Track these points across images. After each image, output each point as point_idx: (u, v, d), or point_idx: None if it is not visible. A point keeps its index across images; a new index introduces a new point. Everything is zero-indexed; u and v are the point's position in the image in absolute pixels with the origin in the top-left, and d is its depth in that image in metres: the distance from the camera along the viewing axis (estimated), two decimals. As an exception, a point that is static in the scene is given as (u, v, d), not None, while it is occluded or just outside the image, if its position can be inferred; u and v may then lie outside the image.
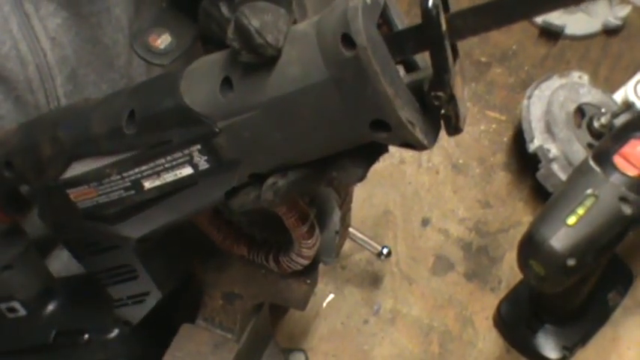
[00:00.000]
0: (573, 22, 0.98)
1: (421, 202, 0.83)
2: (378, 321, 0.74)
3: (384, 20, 0.38)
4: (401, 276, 0.77)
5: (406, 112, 0.35)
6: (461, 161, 0.86)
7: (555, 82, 0.83)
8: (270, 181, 0.40)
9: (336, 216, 0.52)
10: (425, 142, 0.36)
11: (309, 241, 0.51)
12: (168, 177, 0.42)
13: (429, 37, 0.35)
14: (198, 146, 0.40)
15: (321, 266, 0.58)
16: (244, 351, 0.60)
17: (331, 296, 0.75)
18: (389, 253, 0.73)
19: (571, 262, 0.55)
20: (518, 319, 0.72)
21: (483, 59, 0.96)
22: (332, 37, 0.35)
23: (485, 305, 0.75)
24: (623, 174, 0.57)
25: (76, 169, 0.45)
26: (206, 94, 0.39)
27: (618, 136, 0.60)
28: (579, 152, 0.76)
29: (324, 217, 0.52)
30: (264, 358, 0.66)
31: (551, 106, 0.80)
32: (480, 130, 0.89)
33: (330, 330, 0.73)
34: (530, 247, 0.56)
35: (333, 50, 0.35)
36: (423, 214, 0.82)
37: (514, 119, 0.89)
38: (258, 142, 0.39)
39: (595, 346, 0.72)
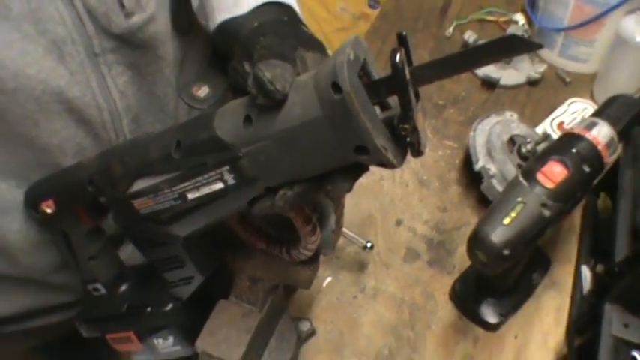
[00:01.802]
0: (506, 76, 0.98)
1: (395, 208, 0.82)
2: (364, 296, 0.74)
3: (364, 72, 0.38)
4: (381, 263, 0.77)
5: (381, 140, 0.36)
6: (425, 178, 0.86)
7: (493, 119, 0.83)
8: (281, 192, 0.40)
9: (333, 219, 0.52)
10: (395, 162, 0.37)
11: (313, 238, 0.51)
12: (205, 190, 0.42)
13: (396, 84, 0.36)
14: (227, 167, 0.41)
15: (321, 257, 0.58)
16: (265, 319, 0.59)
17: (329, 279, 0.75)
18: (372, 246, 0.73)
19: (506, 251, 0.55)
20: (467, 294, 0.72)
21: (441, 102, 0.96)
22: (325, 84, 0.35)
23: (443, 284, 0.74)
24: (544, 187, 0.57)
25: (139, 185, 0.46)
26: (232, 128, 0.40)
27: (540, 159, 0.60)
28: (511, 171, 0.75)
29: (323, 219, 0.52)
30: (279, 324, 0.66)
31: (491, 136, 0.80)
32: (439, 154, 0.89)
33: (328, 303, 0.73)
34: (476, 241, 0.56)
35: (326, 94, 0.35)
36: (397, 217, 0.81)
37: (464, 146, 0.88)
38: (271, 163, 0.40)
39: (523, 313, 0.72)
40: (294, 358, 0.66)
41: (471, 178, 0.82)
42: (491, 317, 0.70)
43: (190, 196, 0.43)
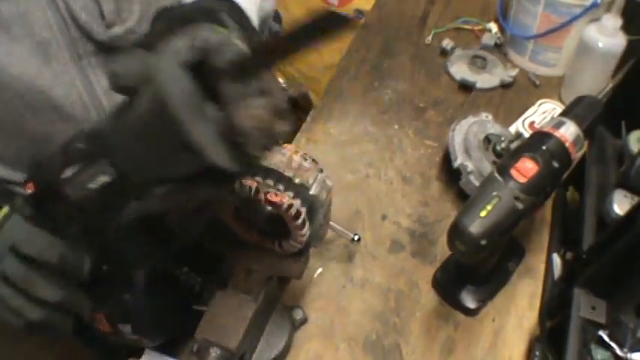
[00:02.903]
0: (481, 80, 0.99)
1: (380, 203, 0.82)
2: (352, 286, 0.73)
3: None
4: (368, 254, 0.76)
5: (201, 137, 0.31)
6: (408, 175, 0.86)
7: (470, 119, 0.83)
8: (151, 191, 0.38)
9: (321, 214, 0.52)
10: (220, 161, 0.32)
11: (302, 232, 0.51)
12: (100, 181, 0.39)
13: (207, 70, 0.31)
14: (106, 160, 0.38)
15: (311, 249, 0.57)
16: (260, 308, 0.59)
17: (320, 270, 0.75)
18: (359, 239, 0.72)
19: (483, 242, 0.55)
20: (448, 282, 0.72)
21: (421, 105, 0.96)
22: (144, 74, 0.31)
23: (426, 273, 0.74)
24: (517, 181, 0.57)
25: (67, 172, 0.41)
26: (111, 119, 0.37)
27: (513, 155, 0.60)
28: (487, 167, 0.76)
29: (312, 215, 0.52)
30: (274, 313, 0.66)
31: (468, 135, 0.80)
32: (421, 153, 0.89)
33: (319, 293, 0.72)
34: (456, 233, 0.56)
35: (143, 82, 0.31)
36: (382, 211, 0.81)
37: (443, 145, 0.88)
38: (133, 159, 0.36)
39: (500, 299, 0.72)
40: (288, 344, 0.66)
41: (450, 174, 0.82)
42: (471, 303, 0.70)
43: (91, 185, 0.39)
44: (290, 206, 0.49)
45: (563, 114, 0.64)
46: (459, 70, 1.01)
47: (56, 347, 0.93)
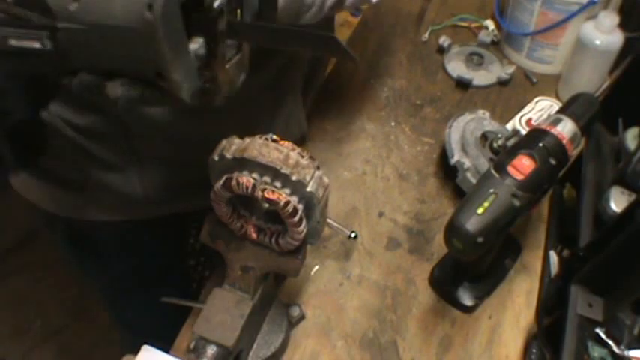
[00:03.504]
0: (478, 77, 0.98)
1: (377, 200, 0.82)
2: (349, 283, 0.73)
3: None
4: (365, 252, 0.76)
5: (177, 75, 0.34)
6: (405, 172, 0.86)
7: (467, 117, 0.83)
8: (82, 75, 0.39)
9: (318, 211, 0.51)
10: (186, 98, 0.36)
11: (299, 229, 0.50)
12: (25, 44, 0.38)
13: (207, 28, 0.34)
14: (47, 33, 0.37)
15: (308, 246, 0.57)
16: (257, 306, 0.59)
17: (317, 267, 0.74)
18: (356, 236, 0.72)
19: (480, 239, 0.54)
20: (445, 279, 0.72)
21: (418, 102, 0.96)
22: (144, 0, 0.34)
23: (423, 270, 0.74)
24: (514, 178, 0.57)
25: None
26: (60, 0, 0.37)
27: (510, 152, 0.60)
28: (484, 164, 0.75)
29: (309, 212, 0.51)
30: (271, 310, 0.65)
31: (465, 133, 0.79)
32: (417, 150, 0.89)
33: (316, 290, 0.72)
34: (453, 230, 0.56)
35: (141, 10, 0.34)
36: (379, 208, 0.81)
37: (440, 142, 0.88)
38: (84, 47, 0.37)
39: (496, 296, 0.72)
40: (285, 341, 0.65)
41: (447, 171, 0.82)
42: (468, 300, 0.70)
43: (12, 42, 0.39)
44: (287, 203, 0.48)
45: (560, 111, 0.64)
46: (456, 67, 1.01)
47: (53, 345, 0.93)
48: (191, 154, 0.59)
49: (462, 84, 0.98)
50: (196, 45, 0.36)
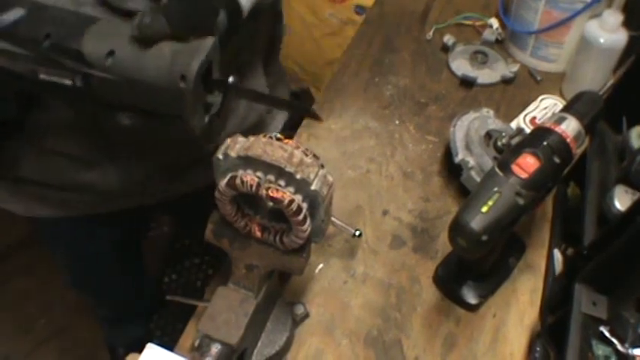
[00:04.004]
0: (482, 75, 0.98)
1: (382, 198, 0.82)
2: (353, 281, 0.73)
3: (208, 68, 0.46)
4: (369, 250, 0.76)
5: (196, 121, 0.46)
6: (409, 170, 0.86)
7: (471, 115, 0.83)
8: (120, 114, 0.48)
9: (322, 209, 0.52)
10: (198, 134, 0.47)
11: (304, 227, 0.51)
12: (54, 79, 0.46)
13: (225, 92, 0.48)
14: (80, 76, 0.45)
15: (313, 245, 0.57)
16: (261, 304, 0.59)
17: (321, 265, 0.75)
18: (360, 235, 0.72)
19: (484, 237, 0.54)
20: (449, 278, 0.72)
21: (423, 100, 0.96)
22: (178, 70, 0.43)
23: (427, 269, 0.74)
24: (518, 177, 0.57)
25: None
26: (97, 52, 0.44)
27: (514, 151, 0.60)
28: (488, 163, 0.75)
29: (313, 210, 0.52)
30: (275, 308, 0.66)
31: (469, 131, 0.79)
32: (422, 148, 0.89)
33: (320, 288, 0.72)
34: (457, 228, 0.56)
35: (175, 77, 0.43)
36: (384, 207, 0.81)
37: (444, 141, 0.88)
38: (116, 93, 0.45)
39: (500, 294, 0.72)
40: (290, 339, 0.66)
41: (452, 170, 0.82)
42: (472, 299, 0.70)
43: (42, 76, 0.45)
44: (291, 202, 0.49)
45: (565, 110, 0.64)
46: (460, 65, 1.01)
47: (56, 343, 0.94)
48: (159, 142, 0.67)
49: (467, 82, 0.98)
50: (215, 99, 0.48)
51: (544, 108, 0.92)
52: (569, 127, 0.61)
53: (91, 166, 0.71)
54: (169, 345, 0.59)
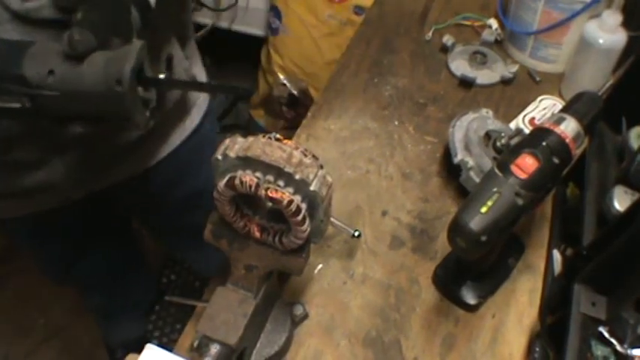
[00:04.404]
0: (481, 76, 0.98)
1: (381, 199, 0.82)
2: (353, 282, 0.73)
3: (141, 69, 0.49)
4: (368, 251, 0.76)
5: (138, 118, 0.49)
6: (408, 171, 0.86)
7: (470, 116, 0.83)
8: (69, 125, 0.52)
9: (321, 210, 0.52)
10: (142, 129, 0.56)
11: (303, 228, 0.51)
12: (2, 104, 0.50)
13: (159, 86, 0.52)
14: (27, 98, 0.49)
15: (312, 245, 0.57)
16: (260, 305, 0.59)
17: (320, 266, 0.74)
18: (360, 235, 0.72)
19: (483, 238, 0.54)
20: (448, 278, 0.72)
21: (422, 101, 0.96)
22: (113, 75, 0.47)
23: (426, 269, 0.74)
24: (517, 177, 0.57)
25: None
26: (38, 74, 0.48)
27: (513, 151, 0.60)
28: (488, 163, 0.75)
29: (312, 211, 0.51)
30: (274, 309, 0.66)
31: (468, 132, 0.79)
32: (421, 149, 0.89)
33: (320, 289, 0.72)
34: (456, 229, 0.56)
35: (111, 83, 0.47)
36: (383, 207, 0.81)
37: (443, 141, 0.88)
38: (59, 105, 0.49)
39: (500, 295, 0.72)
40: (289, 340, 0.66)
41: (451, 170, 0.82)
42: (471, 299, 0.70)
43: None
44: (290, 202, 0.49)
45: (564, 110, 0.64)
46: (459, 66, 1.01)
47: (56, 343, 0.95)
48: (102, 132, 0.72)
49: (466, 83, 0.98)
50: (151, 95, 0.51)
51: (543, 108, 0.92)
52: (569, 127, 0.61)
53: (39, 167, 0.74)
54: (168, 345, 0.59)
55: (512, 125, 0.88)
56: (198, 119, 0.91)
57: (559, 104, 0.92)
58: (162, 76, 0.51)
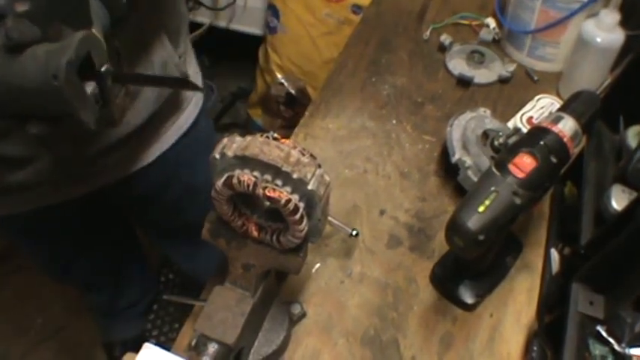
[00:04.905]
0: (479, 75, 0.98)
1: (379, 198, 0.82)
2: (350, 281, 0.73)
3: (88, 61, 0.46)
4: (366, 250, 0.76)
5: (84, 114, 0.46)
6: (406, 170, 0.86)
7: (468, 115, 0.83)
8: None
9: (319, 209, 0.51)
10: (92, 127, 0.47)
11: (300, 227, 0.51)
12: None
13: (101, 84, 0.48)
14: None
15: (310, 244, 0.57)
16: (258, 304, 0.59)
17: (318, 265, 0.74)
18: (357, 234, 0.72)
19: (481, 237, 0.54)
20: (446, 277, 0.72)
21: (419, 100, 0.96)
22: (50, 71, 0.43)
23: (424, 268, 0.74)
24: (515, 176, 0.57)
25: None
26: None
27: (511, 151, 0.60)
28: (485, 162, 0.75)
29: (310, 210, 0.51)
30: (272, 308, 0.65)
31: (466, 131, 0.79)
32: (419, 148, 0.89)
33: (317, 288, 0.72)
34: (454, 228, 0.56)
35: (49, 79, 0.43)
36: (380, 206, 0.81)
37: (441, 140, 0.88)
38: (4, 104, 0.46)
39: (498, 294, 0.72)
40: (287, 339, 0.66)
41: (449, 169, 0.82)
42: (469, 298, 0.70)
43: None
44: (288, 201, 0.48)
45: (562, 109, 0.64)
46: (457, 65, 1.01)
47: (54, 343, 0.94)
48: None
49: (463, 82, 0.98)
50: (90, 88, 0.47)
51: (541, 107, 0.92)
52: (566, 126, 0.61)
53: (28, 163, 0.73)
54: (166, 344, 0.59)
55: (510, 124, 0.88)
56: (193, 117, 0.90)
57: (557, 103, 0.92)
58: (103, 68, 0.47)
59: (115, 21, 0.53)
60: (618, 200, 0.64)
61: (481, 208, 0.55)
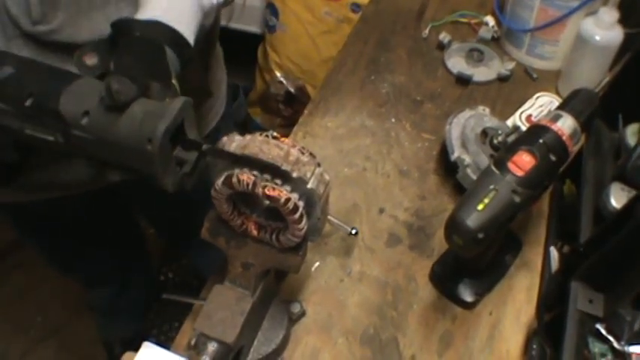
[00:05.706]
0: (478, 73, 0.98)
1: (378, 197, 0.82)
2: (350, 280, 0.73)
3: (180, 129, 0.47)
4: (365, 248, 0.76)
5: (167, 179, 0.47)
6: (405, 168, 0.86)
7: (467, 113, 0.83)
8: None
9: (318, 208, 0.51)
10: (170, 190, 0.48)
11: (300, 226, 0.51)
12: (38, 135, 0.48)
13: (198, 153, 0.49)
14: (60, 133, 0.47)
15: (309, 243, 0.57)
16: (258, 302, 0.59)
17: (317, 263, 0.74)
18: (357, 233, 0.72)
19: (480, 235, 0.54)
20: (446, 276, 0.72)
21: (419, 98, 0.96)
22: (145, 133, 0.44)
23: (423, 267, 0.74)
24: (514, 174, 0.57)
25: None
26: (73, 112, 0.46)
27: (510, 149, 0.60)
28: (484, 160, 0.75)
29: (310, 208, 0.51)
30: (272, 307, 0.65)
31: (465, 129, 0.79)
32: (418, 146, 0.89)
33: (317, 287, 0.72)
34: (453, 226, 0.56)
35: (143, 140, 0.44)
36: (380, 205, 0.81)
37: (440, 139, 0.88)
38: (91, 149, 0.47)
39: (497, 292, 0.72)
40: (286, 338, 0.65)
41: (448, 168, 0.82)
42: (468, 296, 0.70)
43: (28, 131, 0.48)
44: (287, 200, 0.48)
45: (561, 107, 0.64)
46: (456, 63, 1.01)
47: (53, 342, 0.95)
48: None
49: (462, 80, 0.97)
50: (190, 155, 0.49)
51: (540, 106, 0.92)
52: (565, 124, 0.61)
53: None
54: (166, 343, 0.59)
55: (509, 122, 0.88)
56: (214, 123, 0.93)
57: (556, 101, 0.92)
58: (205, 147, 0.48)
59: (183, 65, 0.54)
60: (617, 198, 0.64)
61: (480, 207, 0.55)
